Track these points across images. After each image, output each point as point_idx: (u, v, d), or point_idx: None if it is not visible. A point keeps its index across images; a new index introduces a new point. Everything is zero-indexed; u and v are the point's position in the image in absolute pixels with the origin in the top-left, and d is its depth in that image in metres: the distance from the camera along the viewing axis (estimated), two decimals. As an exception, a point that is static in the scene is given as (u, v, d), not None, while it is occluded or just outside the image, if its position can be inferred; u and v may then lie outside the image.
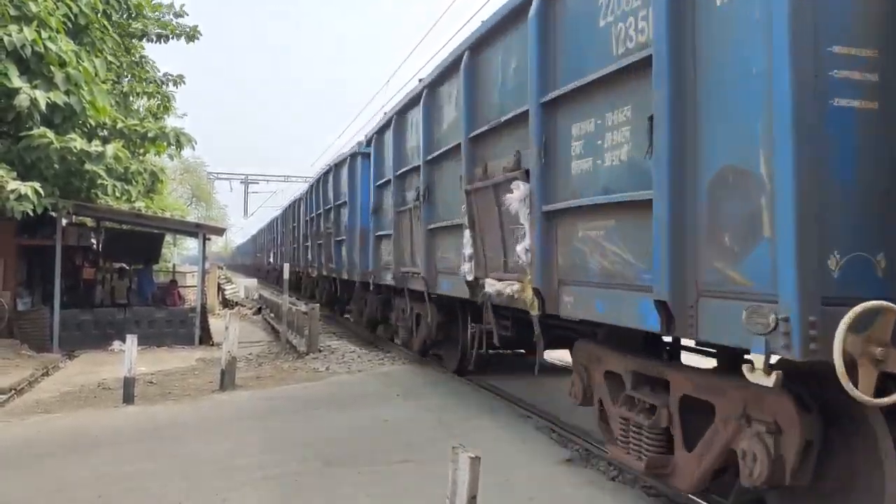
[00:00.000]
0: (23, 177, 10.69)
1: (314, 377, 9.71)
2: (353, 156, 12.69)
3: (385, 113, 10.48)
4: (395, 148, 9.38)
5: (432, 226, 7.67)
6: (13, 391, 9.35)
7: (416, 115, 8.43)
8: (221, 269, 31.78)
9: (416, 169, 8.25)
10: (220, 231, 19.06)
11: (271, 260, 31.42)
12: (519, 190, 5.04)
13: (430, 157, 7.75)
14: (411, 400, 7.75)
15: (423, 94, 7.95)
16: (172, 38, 17.24)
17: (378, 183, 10.61)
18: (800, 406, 3.22)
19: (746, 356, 3.05)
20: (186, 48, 18.24)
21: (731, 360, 3.74)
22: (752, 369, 2.99)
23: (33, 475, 5.37)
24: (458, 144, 6.67)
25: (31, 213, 10.54)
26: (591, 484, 4.83)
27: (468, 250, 6.30)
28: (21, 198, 10.15)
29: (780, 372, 2.91)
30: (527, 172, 5.03)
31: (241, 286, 30.36)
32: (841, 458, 3.34)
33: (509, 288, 5.39)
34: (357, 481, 4.94)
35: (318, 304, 13.43)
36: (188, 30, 17.45)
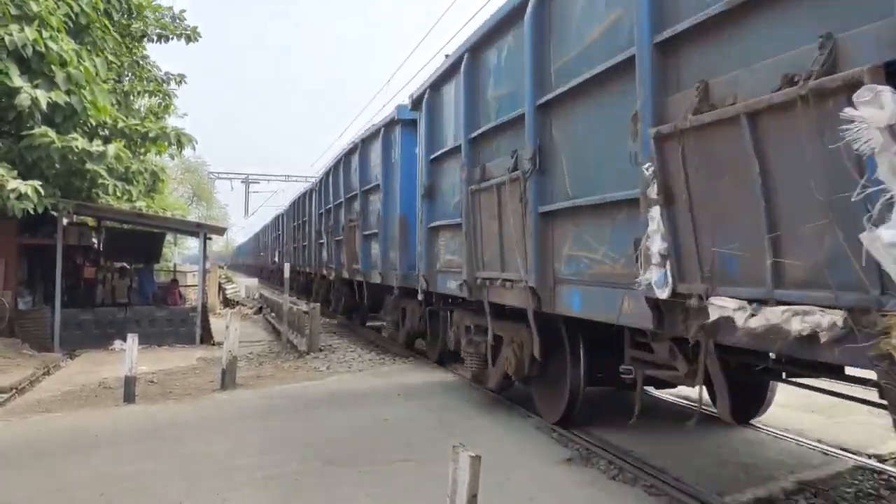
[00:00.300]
0: (24, 176, 10.71)
1: (315, 376, 9.72)
2: (388, 125, 10.07)
3: (445, 56, 7.92)
4: (468, 100, 6.97)
5: (549, 207, 5.32)
6: (14, 390, 9.35)
7: (510, 42, 6.12)
8: (222, 268, 31.87)
9: (514, 123, 5.92)
10: (220, 230, 19.07)
11: (276, 259, 30.08)
12: (879, 107, 2.46)
13: (544, 100, 5.39)
14: (412, 399, 7.75)
15: (530, 4, 5.49)
16: (172, 38, 17.27)
17: (434, 155, 8.17)
18: None
19: None
20: (186, 48, 18.26)
21: None
22: None
23: (33, 475, 5.37)
24: (617, 65, 4.32)
25: (31, 213, 10.57)
26: (592, 483, 4.82)
27: (657, 245, 3.87)
28: (21, 197, 10.17)
29: None
30: (887, 68, 2.50)
31: (242, 286, 30.43)
32: None
33: (807, 320, 2.89)
34: (357, 481, 4.93)
35: (318, 304, 13.38)
36: (188, 30, 17.47)
